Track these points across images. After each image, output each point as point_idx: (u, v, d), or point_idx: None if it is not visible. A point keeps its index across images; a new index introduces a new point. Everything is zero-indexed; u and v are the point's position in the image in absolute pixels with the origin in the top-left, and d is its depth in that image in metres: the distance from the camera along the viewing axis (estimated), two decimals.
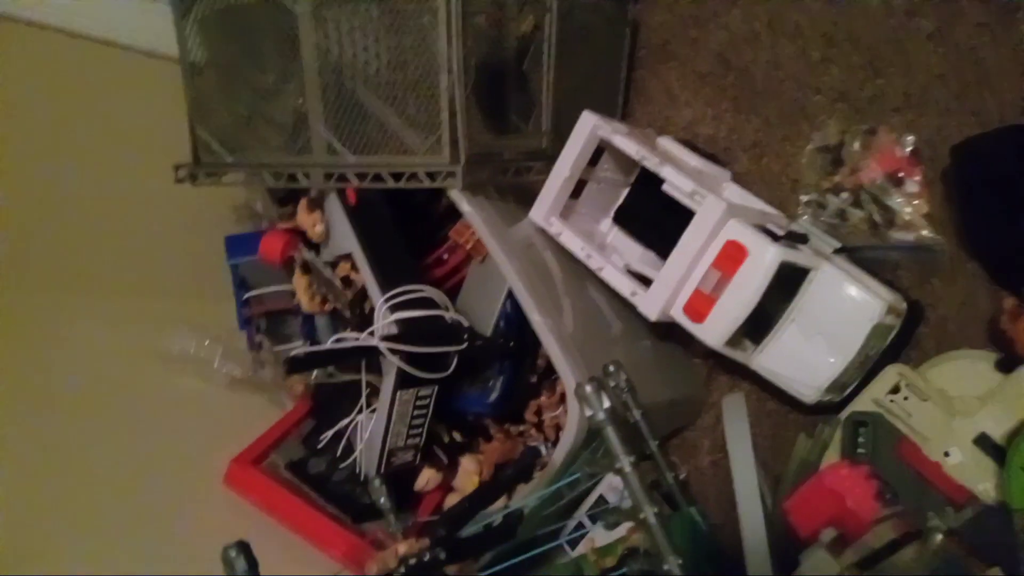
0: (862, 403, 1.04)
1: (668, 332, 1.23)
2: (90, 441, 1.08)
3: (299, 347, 1.26)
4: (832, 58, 1.17)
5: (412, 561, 0.73)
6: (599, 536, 0.99)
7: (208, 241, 1.31)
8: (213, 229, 1.32)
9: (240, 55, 1.11)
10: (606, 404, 0.69)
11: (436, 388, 1.06)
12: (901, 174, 1.09)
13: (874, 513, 0.82)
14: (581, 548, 1.04)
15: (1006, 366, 0.99)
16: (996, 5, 1.04)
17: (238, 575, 0.66)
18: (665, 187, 1.04)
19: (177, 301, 1.30)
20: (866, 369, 1.05)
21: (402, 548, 0.73)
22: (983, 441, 0.95)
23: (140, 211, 1.29)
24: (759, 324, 1.03)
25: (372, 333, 1.01)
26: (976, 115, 1.05)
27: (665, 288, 1.00)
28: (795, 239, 1.04)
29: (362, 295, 1.13)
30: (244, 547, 0.67)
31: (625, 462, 0.68)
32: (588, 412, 0.69)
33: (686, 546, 0.84)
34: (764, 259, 0.96)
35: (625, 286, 1.05)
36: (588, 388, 0.69)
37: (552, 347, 0.99)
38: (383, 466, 1.07)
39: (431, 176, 1.01)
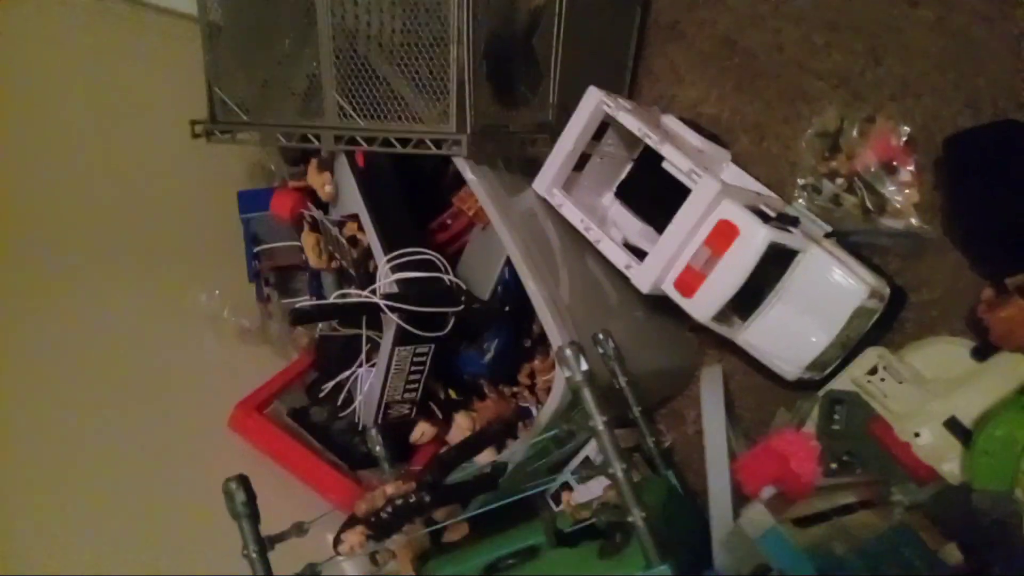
0: (841, 382, 1.07)
1: (663, 305, 1.26)
2: (104, 389, 1.14)
3: (305, 301, 1.31)
4: (834, 44, 1.18)
5: (398, 502, 0.78)
6: (581, 493, 1.04)
7: (222, 197, 1.35)
8: (227, 185, 1.36)
9: (258, 20, 1.13)
10: (584, 367, 0.73)
11: (433, 346, 1.10)
12: (895, 163, 1.11)
13: (815, 476, 0.86)
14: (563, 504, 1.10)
15: (981, 354, 1.02)
16: None
17: (237, 505, 0.72)
18: (664, 164, 1.07)
19: (189, 254, 1.34)
20: (848, 349, 1.08)
21: (389, 489, 0.79)
22: (953, 424, 0.98)
23: (156, 167, 1.33)
24: (747, 301, 1.05)
25: (374, 291, 1.06)
26: (971, 105, 1.07)
27: (658, 262, 1.03)
28: (786, 221, 1.06)
29: (367, 254, 1.16)
30: (243, 480, 0.73)
31: (599, 421, 0.72)
32: (567, 373, 0.74)
33: (658, 506, 0.89)
34: (754, 239, 0.98)
35: (621, 259, 1.08)
36: (568, 351, 0.74)
37: (543, 313, 1.02)
38: (380, 418, 1.13)
39: (437, 143, 1.03)
